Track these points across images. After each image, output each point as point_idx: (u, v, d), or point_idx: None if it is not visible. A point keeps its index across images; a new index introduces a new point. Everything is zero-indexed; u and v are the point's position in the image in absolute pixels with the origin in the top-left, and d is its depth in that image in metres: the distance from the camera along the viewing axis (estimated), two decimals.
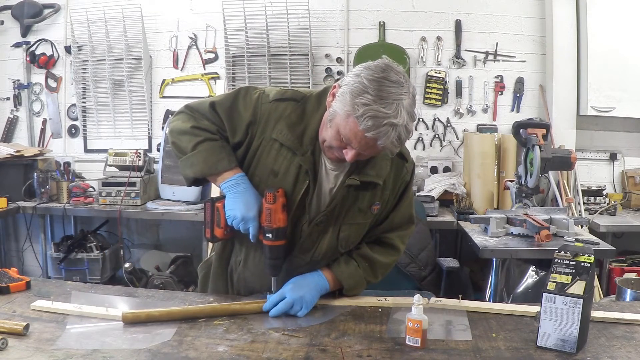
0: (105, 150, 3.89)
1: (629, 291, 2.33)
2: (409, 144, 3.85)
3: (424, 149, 3.98)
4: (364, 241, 1.65)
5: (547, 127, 3.26)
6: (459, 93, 3.93)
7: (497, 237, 2.78)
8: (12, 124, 4.19)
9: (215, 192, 3.04)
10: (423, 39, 3.91)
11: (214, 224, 1.54)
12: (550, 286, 1.29)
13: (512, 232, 2.80)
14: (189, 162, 1.52)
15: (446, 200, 3.61)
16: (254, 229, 1.48)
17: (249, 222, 1.48)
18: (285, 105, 1.52)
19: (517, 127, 3.19)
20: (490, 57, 3.90)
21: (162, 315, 1.45)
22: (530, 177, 2.99)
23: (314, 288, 1.55)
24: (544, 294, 1.29)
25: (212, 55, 4.02)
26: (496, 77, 3.91)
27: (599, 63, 3.63)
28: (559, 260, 1.33)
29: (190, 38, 3.99)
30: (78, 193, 3.62)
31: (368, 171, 1.51)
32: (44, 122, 4.18)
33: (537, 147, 2.91)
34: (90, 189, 3.70)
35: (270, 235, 1.47)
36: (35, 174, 3.67)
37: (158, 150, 3.94)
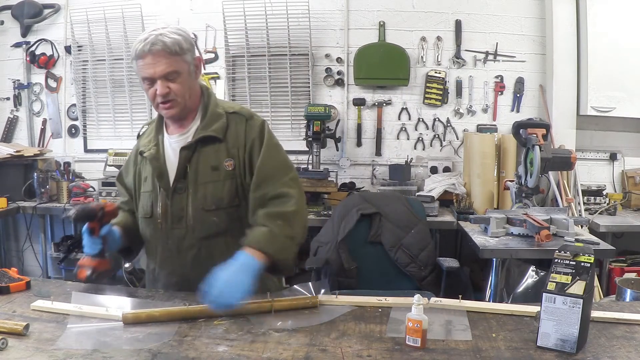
0: (105, 150, 3.90)
1: (629, 291, 2.32)
2: (410, 143, 3.97)
3: (424, 149, 3.98)
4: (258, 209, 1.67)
5: (547, 127, 3.26)
6: (459, 93, 3.93)
7: (497, 237, 2.77)
8: (12, 124, 4.19)
9: None
10: (423, 39, 3.91)
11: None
12: (550, 286, 1.29)
13: (512, 232, 2.80)
14: None
15: (446, 200, 3.61)
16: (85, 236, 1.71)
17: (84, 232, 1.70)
18: (144, 129, 1.86)
19: (517, 127, 3.18)
20: (490, 57, 3.90)
21: (162, 315, 1.45)
22: (530, 177, 2.99)
23: (241, 270, 1.48)
24: (544, 294, 1.29)
25: (212, 55, 4.02)
26: (496, 77, 3.91)
27: (599, 63, 3.63)
28: (559, 260, 1.33)
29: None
30: (78, 193, 3.62)
31: (201, 130, 1.70)
32: (44, 122, 4.18)
33: (537, 147, 2.90)
34: (90, 189, 3.70)
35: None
36: (35, 174, 3.68)
37: None
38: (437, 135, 3.97)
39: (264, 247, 1.55)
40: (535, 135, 2.99)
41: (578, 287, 1.27)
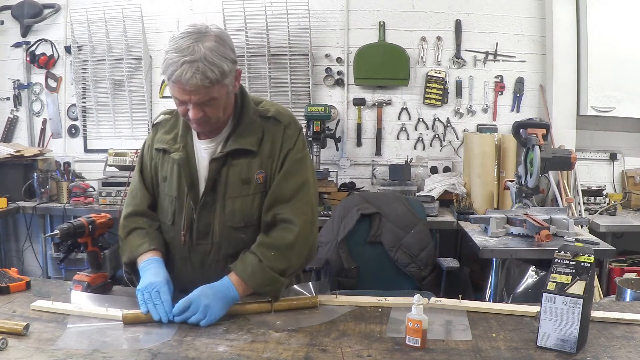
0: (105, 150, 3.90)
1: (629, 291, 2.32)
2: (410, 143, 3.96)
3: (424, 149, 3.98)
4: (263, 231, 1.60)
5: (547, 127, 3.26)
6: (459, 93, 3.93)
7: (497, 237, 2.78)
8: (12, 124, 4.19)
9: None
10: (423, 39, 3.91)
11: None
12: (550, 286, 1.29)
13: (512, 232, 2.80)
14: (122, 250, 1.69)
15: (446, 200, 3.62)
16: (166, 293, 1.46)
17: (158, 285, 1.48)
18: (160, 122, 1.72)
19: (517, 127, 3.19)
20: (490, 57, 3.90)
21: None
22: (530, 177, 2.99)
23: (223, 299, 1.46)
24: (544, 294, 1.29)
25: None
26: (496, 77, 3.92)
27: (599, 63, 3.63)
28: (559, 260, 1.33)
29: None
30: (78, 193, 3.62)
31: (233, 141, 1.57)
32: (44, 122, 4.18)
33: (537, 147, 2.91)
34: (90, 189, 3.70)
35: None
36: (35, 174, 3.68)
37: None
38: (437, 135, 3.97)
39: (247, 279, 1.50)
40: (535, 135, 2.99)
41: (578, 287, 1.27)
